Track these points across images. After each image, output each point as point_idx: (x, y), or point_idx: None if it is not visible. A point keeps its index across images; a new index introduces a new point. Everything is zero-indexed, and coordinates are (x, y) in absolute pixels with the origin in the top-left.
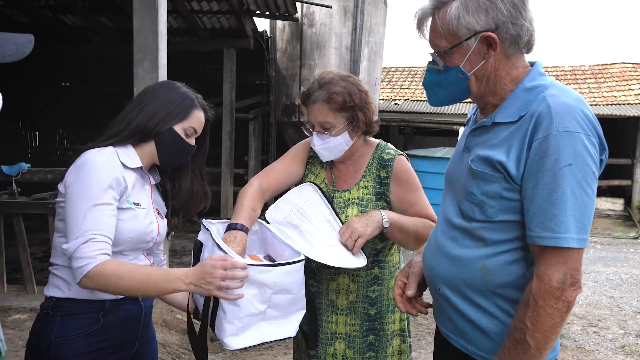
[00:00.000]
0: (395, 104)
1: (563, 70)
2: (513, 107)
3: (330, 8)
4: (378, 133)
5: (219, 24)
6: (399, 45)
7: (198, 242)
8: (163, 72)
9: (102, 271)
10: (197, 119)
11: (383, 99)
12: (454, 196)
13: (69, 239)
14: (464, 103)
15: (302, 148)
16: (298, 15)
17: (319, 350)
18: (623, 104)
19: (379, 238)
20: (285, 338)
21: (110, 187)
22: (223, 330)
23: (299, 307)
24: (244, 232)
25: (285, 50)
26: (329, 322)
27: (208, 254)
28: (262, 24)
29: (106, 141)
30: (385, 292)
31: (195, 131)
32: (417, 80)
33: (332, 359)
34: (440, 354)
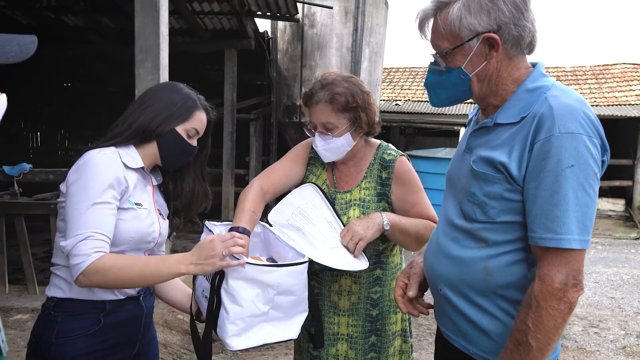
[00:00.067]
0: (396, 105)
1: (564, 70)
2: (515, 108)
3: (331, 9)
4: (379, 134)
5: (220, 25)
6: (400, 45)
7: None
8: (164, 73)
9: (99, 266)
10: (199, 120)
11: (384, 100)
12: (456, 197)
13: (68, 237)
14: (465, 103)
15: (303, 149)
16: (299, 16)
17: (321, 351)
18: (624, 105)
19: (381, 239)
20: (287, 340)
21: (110, 187)
22: (225, 330)
23: (302, 309)
24: (247, 235)
25: (286, 50)
26: (331, 323)
27: None
28: (263, 25)
29: (108, 141)
30: (387, 293)
31: (197, 132)
32: (418, 80)
33: None
34: (441, 355)
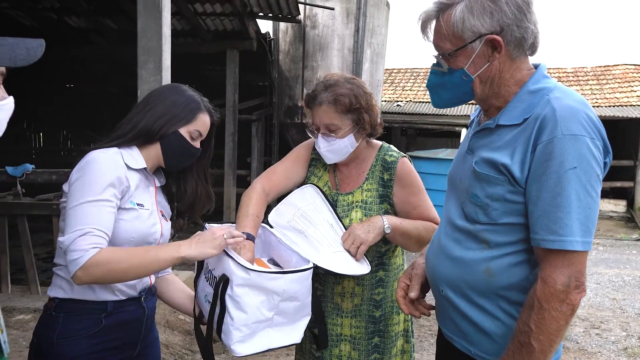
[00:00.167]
0: (397, 106)
1: (565, 71)
2: (517, 110)
3: (332, 10)
4: (380, 135)
5: (222, 26)
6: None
7: None
8: (167, 74)
9: (99, 260)
10: (203, 123)
11: (385, 101)
12: (457, 198)
13: (66, 232)
14: (467, 104)
15: (305, 150)
16: (301, 17)
17: (324, 351)
18: (625, 106)
19: (383, 241)
20: (290, 344)
21: (111, 185)
22: (230, 336)
23: (305, 313)
24: (251, 241)
25: (288, 51)
26: (334, 325)
27: (213, 259)
28: (265, 26)
29: (112, 142)
30: (389, 294)
31: (200, 134)
32: (420, 81)
33: None
34: (442, 356)
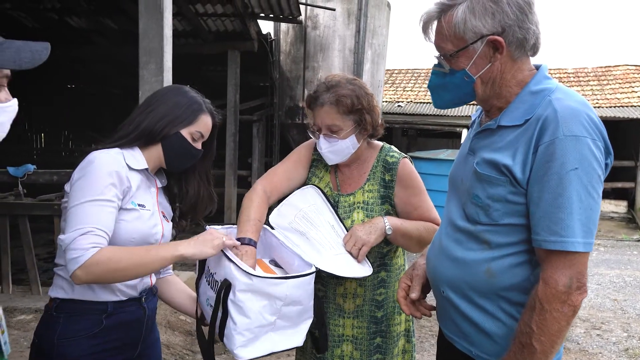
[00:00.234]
0: (398, 106)
1: (566, 72)
2: (518, 111)
3: (334, 11)
4: (381, 135)
5: (224, 27)
6: (402, 47)
7: None
8: (168, 75)
9: (99, 259)
10: (204, 124)
11: (386, 101)
12: (459, 199)
13: (67, 231)
14: (468, 105)
15: (306, 151)
16: (302, 17)
17: (327, 352)
18: (626, 106)
19: (385, 242)
20: (293, 348)
21: (112, 185)
22: (233, 341)
23: (307, 317)
24: (253, 247)
25: (289, 52)
26: (336, 325)
27: (214, 262)
28: (266, 27)
29: (114, 143)
30: (391, 295)
31: (202, 136)
32: (420, 82)
33: None
34: (443, 357)
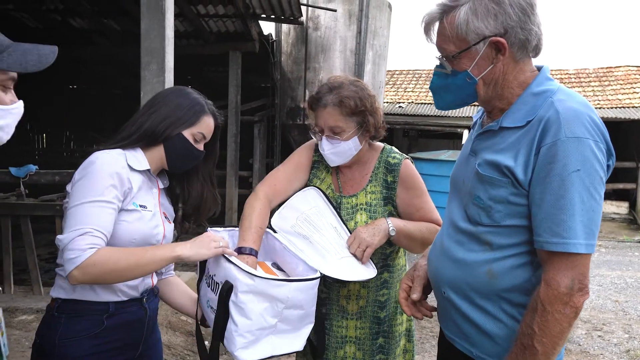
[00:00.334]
0: (399, 107)
1: (567, 73)
2: (520, 112)
3: (335, 12)
4: (383, 137)
5: (225, 28)
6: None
7: None
8: (170, 75)
9: (97, 259)
10: (207, 125)
11: (387, 102)
12: (460, 200)
13: (65, 231)
14: (469, 105)
15: (306, 152)
16: (303, 18)
17: (329, 353)
18: (627, 107)
19: (387, 243)
20: (293, 352)
21: (113, 186)
22: (234, 342)
23: (309, 322)
24: (254, 257)
25: (290, 53)
26: (339, 327)
27: (213, 264)
28: (268, 28)
29: (116, 144)
30: (393, 295)
31: (204, 137)
32: (422, 82)
33: None
34: (444, 358)
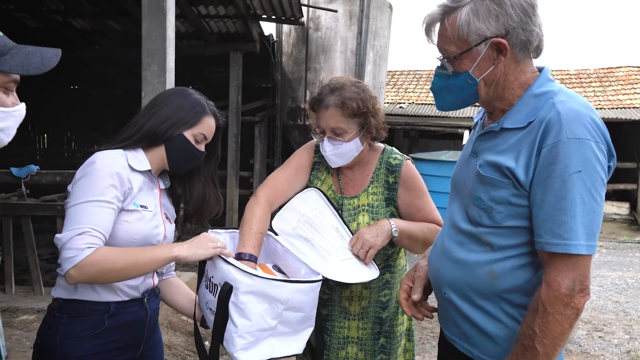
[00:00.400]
0: (400, 107)
1: (568, 73)
2: (521, 113)
3: (335, 12)
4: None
5: (226, 28)
6: (404, 48)
7: None
8: (171, 76)
9: (94, 259)
10: (208, 126)
11: (388, 103)
12: (461, 201)
13: (64, 230)
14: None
15: (307, 154)
16: (304, 19)
17: (331, 354)
18: (628, 108)
19: (389, 243)
20: (292, 355)
21: (113, 187)
22: (234, 343)
23: (309, 325)
24: (254, 263)
25: (291, 53)
26: (341, 328)
27: (211, 266)
28: (269, 28)
29: (118, 144)
30: (395, 295)
31: (205, 137)
32: (422, 83)
33: None
34: (444, 358)
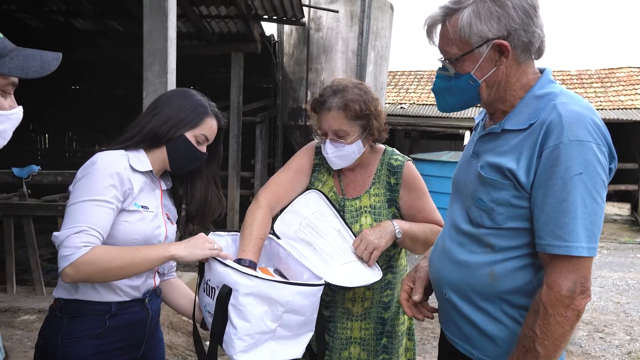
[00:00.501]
0: (401, 108)
1: (569, 74)
2: (522, 115)
3: (337, 12)
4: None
5: (227, 29)
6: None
7: None
8: (172, 76)
9: (91, 257)
10: (209, 127)
11: (389, 103)
12: (462, 202)
13: (63, 228)
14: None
15: (307, 156)
16: (305, 19)
17: (333, 354)
18: (630, 109)
19: (392, 244)
20: (291, 359)
21: (112, 186)
22: (233, 346)
23: (309, 329)
24: (253, 269)
25: (292, 54)
26: (344, 328)
27: (207, 268)
28: (270, 29)
29: (119, 145)
30: (396, 296)
31: (206, 139)
32: (423, 84)
33: None
34: (445, 359)
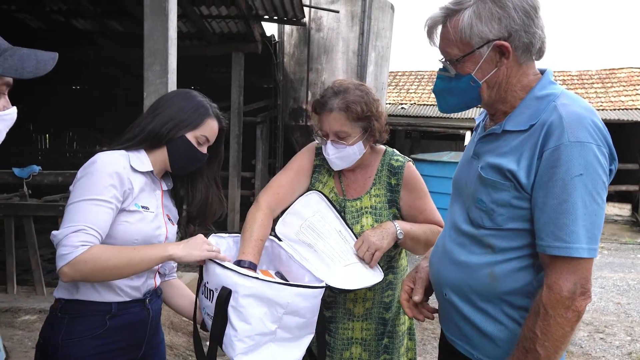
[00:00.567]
0: (401, 108)
1: (570, 75)
2: (523, 116)
3: (337, 13)
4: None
5: (228, 29)
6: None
7: None
8: (172, 76)
9: (88, 256)
10: (210, 128)
11: (390, 103)
12: (463, 203)
13: (61, 227)
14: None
15: (308, 157)
16: (306, 19)
17: (334, 355)
18: (630, 109)
19: (393, 245)
20: None
21: (112, 186)
22: (233, 347)
23: (309, 332)
24: (253, 270)
25: (292, 54)
26: (345, 329)
27: (205, 271)
28: (270, 29)
29: (120, 145)
30: (397, 296)
31: (207, 140)
32: (424, 84)
33: None
34: (445, 359)
